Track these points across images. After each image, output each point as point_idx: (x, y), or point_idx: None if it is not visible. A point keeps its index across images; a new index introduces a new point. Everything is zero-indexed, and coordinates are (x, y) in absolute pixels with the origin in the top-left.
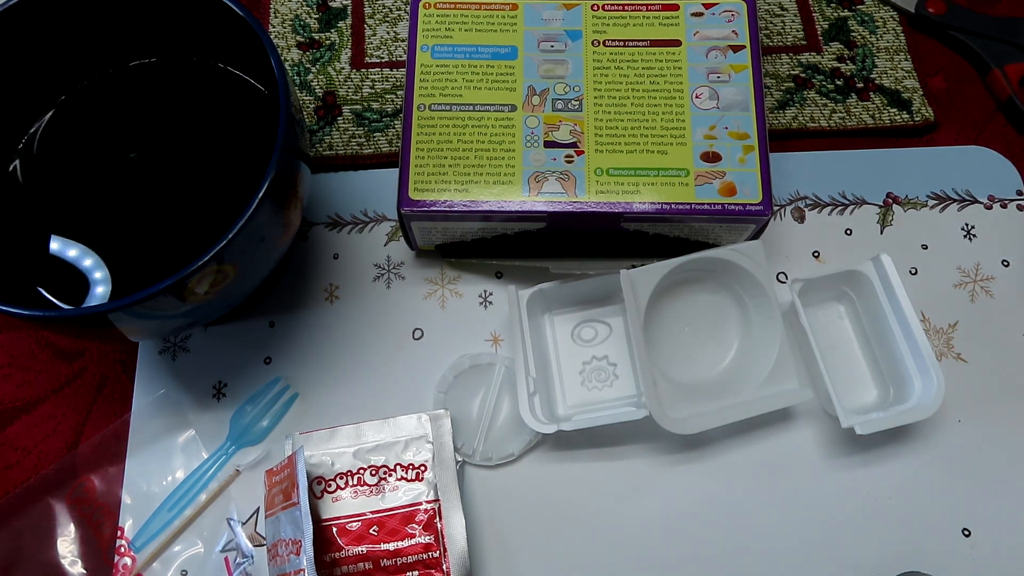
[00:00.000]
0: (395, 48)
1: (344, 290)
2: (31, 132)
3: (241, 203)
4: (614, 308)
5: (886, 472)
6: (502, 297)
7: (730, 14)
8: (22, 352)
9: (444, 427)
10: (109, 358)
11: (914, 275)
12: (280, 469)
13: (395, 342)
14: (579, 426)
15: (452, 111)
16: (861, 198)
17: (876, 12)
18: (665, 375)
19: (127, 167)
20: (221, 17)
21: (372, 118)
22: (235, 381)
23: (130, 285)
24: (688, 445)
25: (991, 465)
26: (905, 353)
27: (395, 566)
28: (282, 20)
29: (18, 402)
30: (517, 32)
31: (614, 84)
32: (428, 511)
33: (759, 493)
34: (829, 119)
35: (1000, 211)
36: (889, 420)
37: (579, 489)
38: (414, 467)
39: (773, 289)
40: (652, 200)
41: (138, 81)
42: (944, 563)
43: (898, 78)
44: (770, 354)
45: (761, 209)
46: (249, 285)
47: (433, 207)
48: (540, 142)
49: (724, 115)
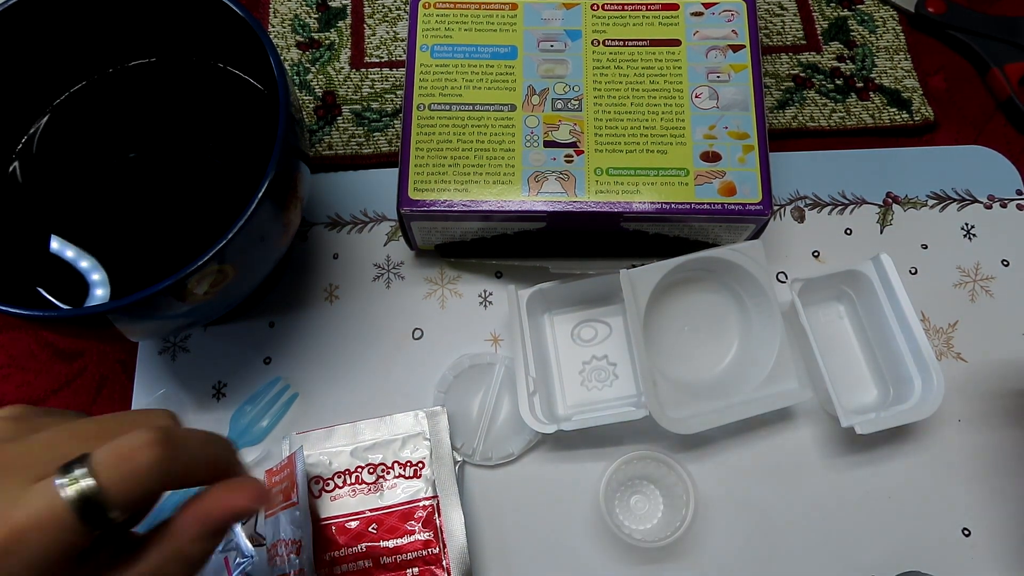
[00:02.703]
0: (395, 48)
1: (344, 290)
2: (30, 132)
3: (241, 203)
4: (614, 308)
5: (886, 472)
6: (502, 297)
7: (730, 14)
8: (22, 352)
9: (441, 424)
10: (109, 358)
11: (914, 275)
12: (280, 469)
13: (395, 342)
14: (579, 426)
15: (452, 111)
16: (861, 198)
17: (876, 12)
18: (665, 375)
19: (126, 167)
20: (221, 17)
21: (372, 118)
22: (235, 381)
23: (130, 285)
24: (688, 445)
25: (991, 465)
26: (905, 353)
27: (395, 563)
28: (282, 20)
29: (18, 402)
30: (517, 32)
31: (614, 84)
32: (427, 508)
33: (759, 493)
34: (829, 119)
35: (1000, 211)
36: (889, 420)
37: (579, 489)
38: (412, 464)
39: (773, 289)
40: (652, 200)
41: (138, 81)
42: (944, 563)
43: (898, 78)
44: (770, 354)
45: (761, 209)
46: (249, 285)
47: (433, 207)
48: (540, 142)
49: (724, 115)
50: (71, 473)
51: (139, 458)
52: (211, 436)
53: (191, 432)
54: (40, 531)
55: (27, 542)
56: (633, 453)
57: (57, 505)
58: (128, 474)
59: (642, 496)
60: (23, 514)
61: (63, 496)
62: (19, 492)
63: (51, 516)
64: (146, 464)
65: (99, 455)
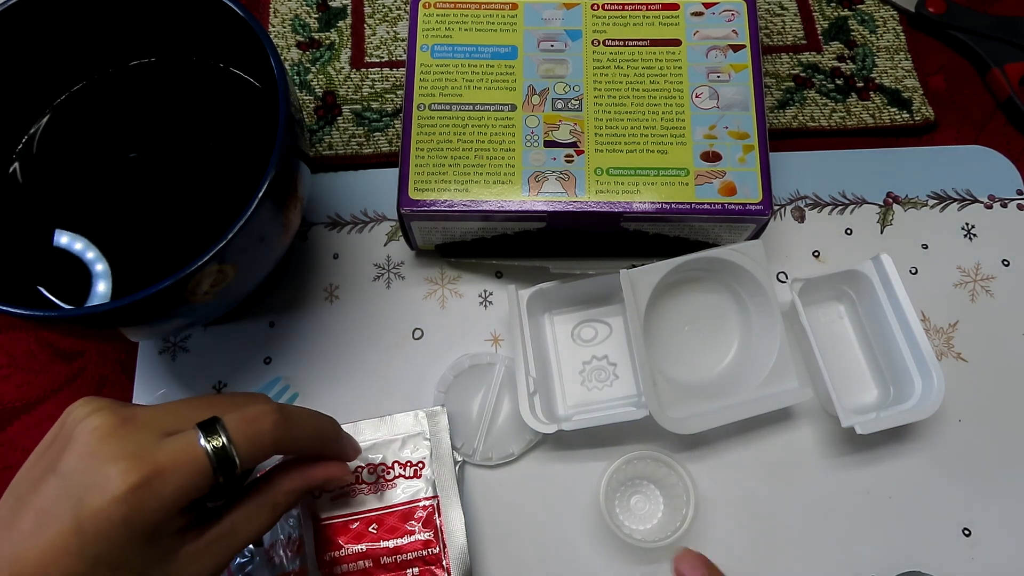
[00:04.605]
0: (395, 48)
1: (344, 290)
2: (30, 132)
3: (241, 203)
4: (614, 308)
5: (886, 472)
6: (502, 297)
7: (730, 13)
8: (22, 352)
9: (441, 424)
10: (109, 358)
11: (914, 275)
12: None
13: (395, 342)
14: (579, 426)
15: (452, 111)
16: (861, 198)
17: (876, 11)
18: (665, 375)
19: (127, 167)
20: (221, 17)
21: (372, 118)
22: (235, 381)
23: (130, 285)
24: (688, 445)
25: (991, 465)
26: (905, 353)
27: (395, 563)
28: (282, 20)
29: (18, 402)
30: (517, 32)
31: (614, 84)
32: (427, 507)
33: (759, 493)
34: (829, 119)
35: (1000, 210)
36: (889, 420)
37: (579, 489)
38: (412, 464)
39: (773, 289)
40: (652, 200)
41: (138, 81)
42: (944, 563)
43: (898, 77)
44: (770, 354)
45: (761, 209)
46: (249, 285)
47: (433, 207)
48: (540, 142)
49: (724, 115)
50: (209, 428)
51: (263, 423)
52: (318, 414)
53: (301, 408)
54: (180, 471)
55: (168, 479)
56: (633, 453)
57: (198, 451)
58: (255, 434)
59: (642, 496)
60: (167, 455)
61: (202, 445)
62: (155, 441)
63: (193, 459)
64: (269, 429)
65: (230, 418)
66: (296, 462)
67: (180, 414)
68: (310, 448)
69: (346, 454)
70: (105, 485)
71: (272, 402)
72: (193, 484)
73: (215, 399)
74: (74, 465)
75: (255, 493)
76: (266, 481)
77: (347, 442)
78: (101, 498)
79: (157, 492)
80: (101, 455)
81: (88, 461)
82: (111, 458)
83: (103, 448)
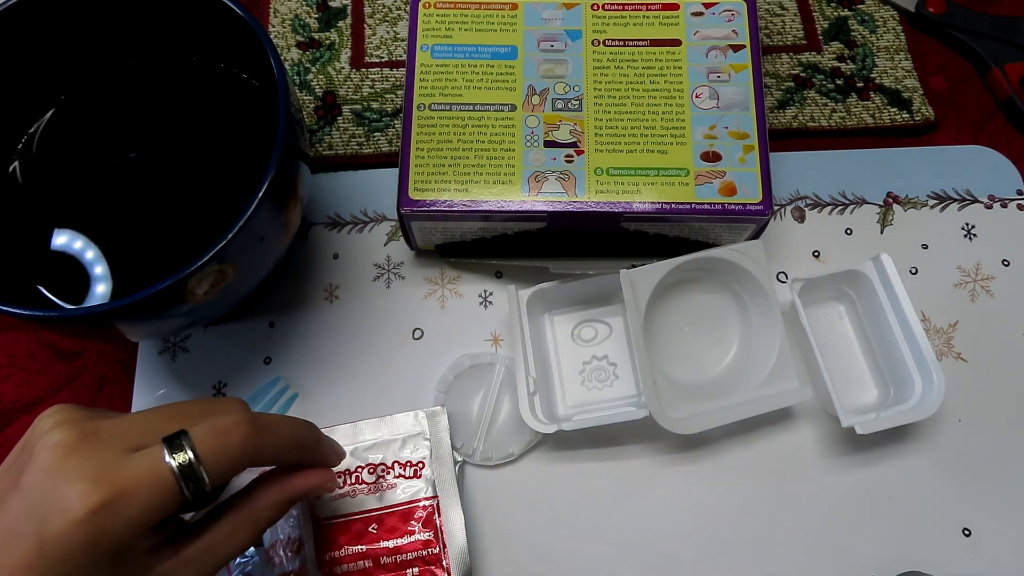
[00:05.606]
0: (395, 48)
1: (344, 290)
2: (30, 132)
3: (241, 203)
4: (614, 308)
5: (886, 472)
6: (502, 297)
7: (730, 13)
8: (22, 352)
9: (441, 424)
10: (109, 358)
11: (914, 275)
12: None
13: (395, 342)
14: (579, 426)
15: (452, 111)
16: (861, 198)
17: (876, 11)
18: (665, 375)
19: (127, 167)
20: (221, 17)
21: (372, 118)
22: (235, 381)
23: (130, 285)
24: (688, 445)
25: (991, 465)
26: (905, 353)
27: (395, 563)
28: (282, 20)
29: (18, 402)
30: (517, 32)
31: (614, 84)
32: (427, 508)
33: (759, 493)
34: (829, 119)
35: (1000, 210)
36: (889, 420)
37: (579, 489)
38: (412, 464)
39: (773, 289)
40: (652, 200)
41: (138, 81)
42: (944, 563)
43: (898, 77)
44: (770, 354)
45: (761, 209)
46: (249, 285)
47: (433, 207)
48: (540, 142)
49: (724, 115)
50: (174, 444)
51: (233, 435)
52: (294, 420)
53: (275, 416)
54: (144, 492)
55: (131, 500)
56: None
57: (163, 470)
58: (223, 448)
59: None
60: (129, 475)
61: (167, 462)
62: (118, 459)
63: (156, 479)
64: (239, 441)
65: (197, 431)
66: (278, 473)
67: (146, 427)
68: (289, 457)
69: (329, 460)
70: (65, 507)
71: (245, 411)
72: (159, 503)
73: (186, 407)
74: (35, 483)
75: (235, 508)
76: (247, 495)
77: (329, 447)
78: (61, 520)
79: (120, 513)
80: (61, 474)
81: (49, 480)
82: (70, 479)
83: (63, 466)
